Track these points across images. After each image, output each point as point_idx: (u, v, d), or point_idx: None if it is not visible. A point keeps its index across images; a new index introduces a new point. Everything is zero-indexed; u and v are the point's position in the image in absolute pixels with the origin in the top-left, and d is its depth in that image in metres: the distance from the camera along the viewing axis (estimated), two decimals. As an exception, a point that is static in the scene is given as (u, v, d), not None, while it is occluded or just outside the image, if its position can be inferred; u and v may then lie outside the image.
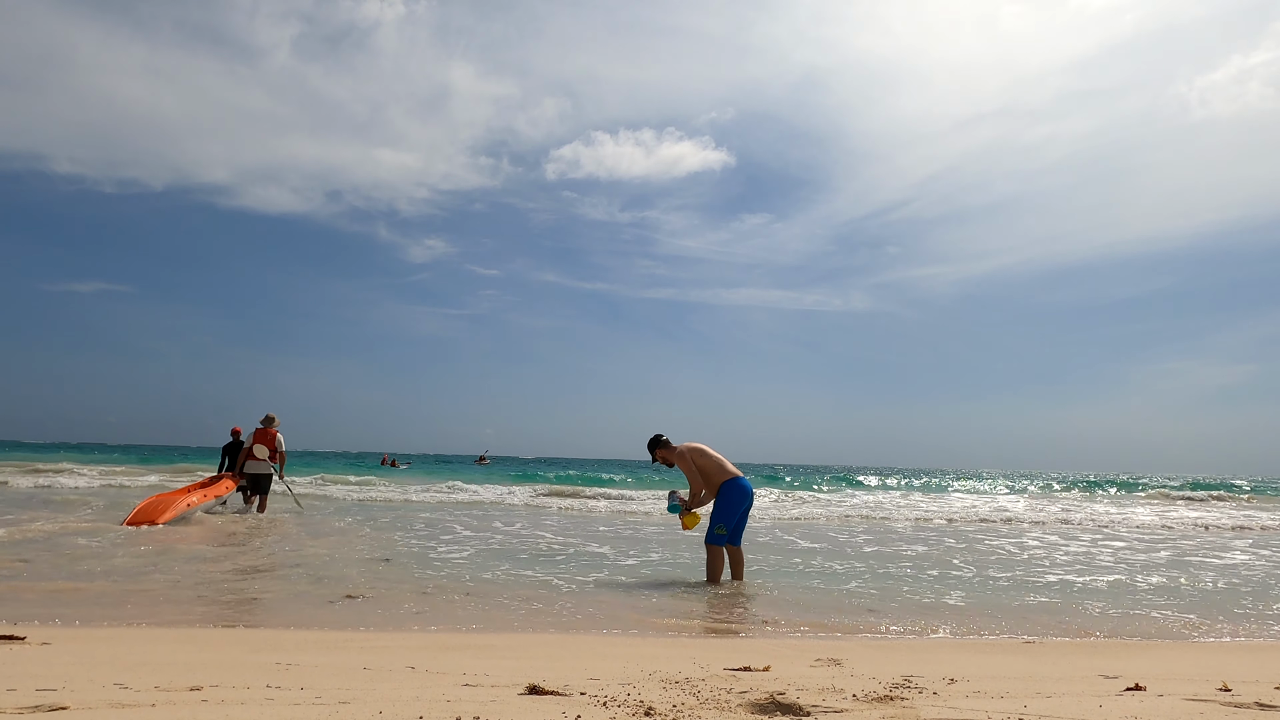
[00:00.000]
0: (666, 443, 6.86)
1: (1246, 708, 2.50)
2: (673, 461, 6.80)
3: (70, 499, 13.98)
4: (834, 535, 11.42)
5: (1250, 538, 12.52)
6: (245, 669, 2.91)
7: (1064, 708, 2.45)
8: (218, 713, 2.12)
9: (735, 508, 6.57)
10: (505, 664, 3.22)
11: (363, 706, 2.21)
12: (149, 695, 2.35)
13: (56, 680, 2.57)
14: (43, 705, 2.15)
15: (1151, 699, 2.63)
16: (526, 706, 2.29)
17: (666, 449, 6.82)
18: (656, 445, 6.87)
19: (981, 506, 19.28)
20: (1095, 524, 14.87)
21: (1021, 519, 15.62)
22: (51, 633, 3.70)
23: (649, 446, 6.93)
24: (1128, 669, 3.39)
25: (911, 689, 2.73)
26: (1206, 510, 20.39)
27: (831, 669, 3.27)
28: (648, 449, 6.95)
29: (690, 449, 6.72)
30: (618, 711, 2.25)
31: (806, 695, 2.54)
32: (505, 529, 10.97)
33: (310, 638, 4.05)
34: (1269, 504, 24.47)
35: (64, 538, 8.21)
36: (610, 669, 3.08)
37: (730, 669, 3.14)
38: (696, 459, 6.66)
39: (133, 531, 9.02)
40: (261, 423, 11.91)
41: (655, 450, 6.88)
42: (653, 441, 6.90)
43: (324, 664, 3.12)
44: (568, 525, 11.89)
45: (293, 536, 9.34)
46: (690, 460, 6.64)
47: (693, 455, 6.67)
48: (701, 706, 2.36)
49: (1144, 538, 12.13)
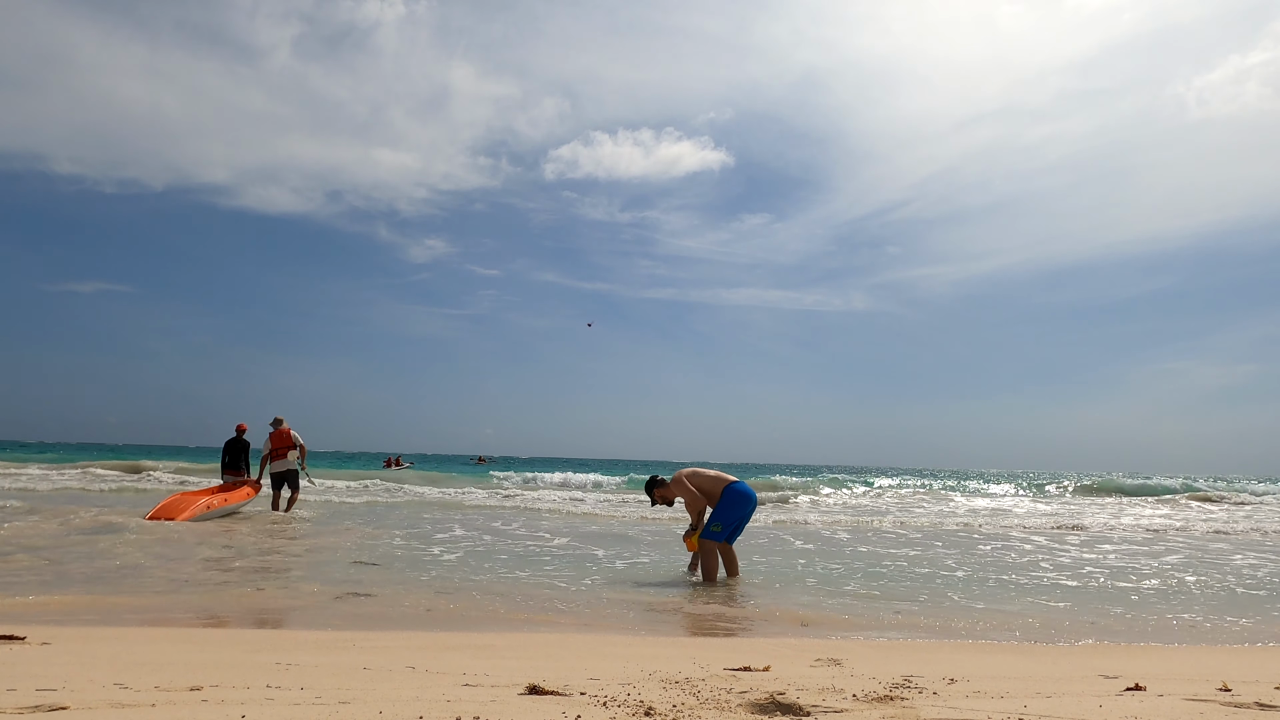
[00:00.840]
0: (662, 481, 6.90)
1: (1246, 708, 2.50)
2: (672, 499, 6.85)
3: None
4: (834, 536, 11.42)
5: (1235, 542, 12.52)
6: (245, 669, 2.91)
7: (1064, 708, 2.45)
8: (218, 713, 2.12)
9: (737, 510, 6.58)
10: (505, 664, 3.22)
11: (363, 706, 2.21)
12: (149, 695, 2.35)
13: (56, 680, 2.57)
14: (43, 705, 2.15)
15: (1151, 699, 2.63)
16: (526, 706, 2.29)
17: (663, 487, 6.86)
18: (654, 486, 6.92)
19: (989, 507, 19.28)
20: (1105, 526, 14.88)
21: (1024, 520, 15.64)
22: (51, 633, 3.70)
23: (646, 490, 6.99)
24: (1128, 669, 3.39)
25: (911, 689, 2.73)
26: (1200, 512, 20.39)
27: (831, 669, 3.27)
28: (645, 493, 7.02)
29: (685, 474, 6.74)
30: (618, 711, 2.25)
31: (806, 695, 2.54)
32: (505, 529, 10.98)
33: (310, 638, 4.05)
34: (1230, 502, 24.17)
35: (83, 534, 8.21)
36: (610, 669, 3.08)
37: (730, 669, 3.14)
38: (692, 480, 6.67)
39: (151, 526, 9.36)
40: (272, 425, 12.19)
41: (653, 491, 6.92)
42: (649, 484, 6.96)
43: (324, 664, 3.12)
44: (568, 525, 11.89)
45: (295, 538, 9.35)
46: (686, 484, 6.65)
47: (688, 478, 6.69)
48: (701, 706, 2.36)
49: (1143, 539, 12.14)
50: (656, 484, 6.90)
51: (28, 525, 9.15)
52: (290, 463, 12.09)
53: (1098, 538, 11.95)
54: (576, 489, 21.89)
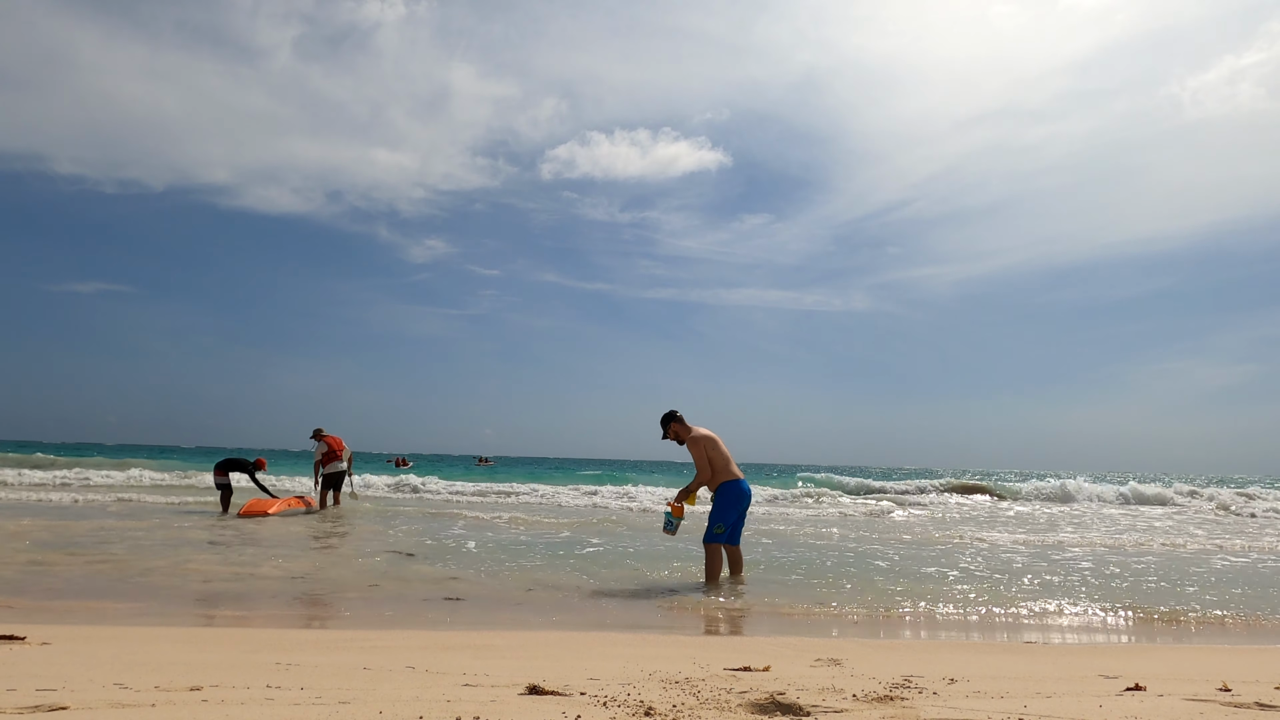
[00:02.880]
0: (682, 419, 6.78)
1: (1246, 708, 2.50)
2: (684, 440, 6.75)
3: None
4: (833, 536, 11.42)
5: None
6: (245, 669, 2.91)
7: (1064, 708, 2.45)
8: (218, 713, 2.12)
9: (733, 508, 6.57)
10: (505, 664, 3.22)
11: (363, 706, 2.21)
12: (149, 695, 2.35)
13: (56, 680, 2.57)
14: (43, 705, 2.15)
15: (1151, 699, 2.63)
16: (526, 706, 2.29)
17: (682, 425, 6.75)
18: (671, 419, 6.78)
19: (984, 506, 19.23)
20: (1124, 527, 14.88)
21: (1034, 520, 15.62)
22: (51, 632, 3.70)
23: (662, 420, 6.81)
24: (1128, 669, 3.39)
25: (911, 689, 2.73)
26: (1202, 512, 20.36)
27: (831, 669, 3.27)
28: (660, 423, 6.83)
29: (705, 438, 6.66)
30: (618, 711, 2.25)
31: (806, 695, 2.54)
32: (504, 529, 10.97)
33: (310, 637, 4.05)
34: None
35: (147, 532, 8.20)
36: (610, 669, 3.08)
37: (730, 669, 3.14)
38: (709, 449, 6.64)
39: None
40: (317, 435, 13.09)
41: (669, 424, 6.78)
42: (667, 415, 6.79)
43: (324, 664, 3.12)
44: (566, 525, 11.88)
45: (301, 536, 9.35)
46: (703, 449, 6.60)
47: (706, 445, 6.65)
48: (701, 706, 2.36)
49: (1141, 539, 12.13)
50: (675, 418, 6.78)
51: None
52: (340, 466, 13.12)
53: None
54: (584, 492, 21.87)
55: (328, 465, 12.98)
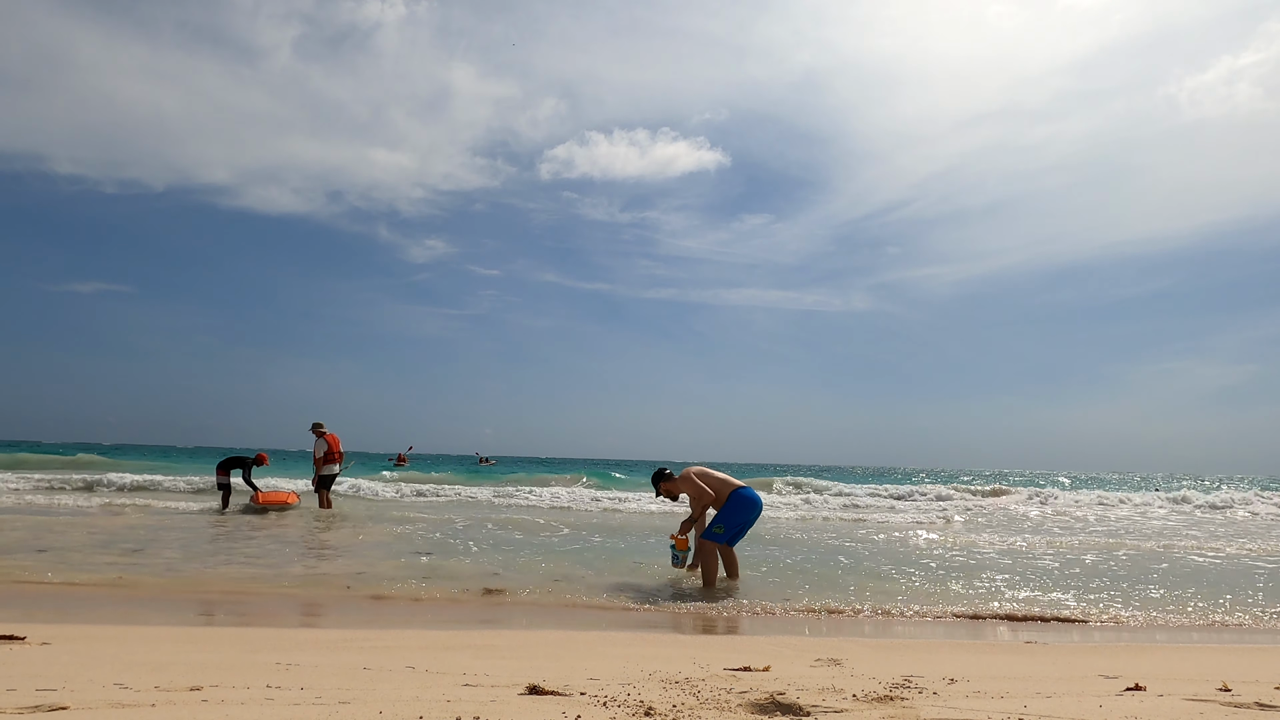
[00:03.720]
0: (669, 475, 6.90)
1: (1246, 708, 2.50)
2: (677, 494, 6.87)
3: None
4: (833, 536, 11.42)
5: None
6: (245, 669, 2.91)
7: (1064, 708, 2.45)
8: (218, 713, 2.12)
9: (741, 515, 6.58)
10: (505, 664, 3.22)
11: (363, 706, 2.21)
12: (149, 695, 2.35)
13: (56, 680, 2.57)
14: (43, 705, 2.15)
15: (1151, 699, 2.63)
16: (526, 706, 2.29)
17: (670, 481, 6.87)
18: (660, 479, 6.93)
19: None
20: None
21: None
22: (51, 632, 3.70)
23: (653, 481, 7.00)
24: (1128, 669, 3.39)
25: (911, 689, 2.73)
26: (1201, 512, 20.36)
27: (831, 669, 3.27)
28: (652, 484, 7.02)
29: (694, 471, 6.75)
30: (618, 711, 2.25)
31: (806, 695, 2.54)
32: (503, 529, 10.97)
33: (310, 637, 4.05)
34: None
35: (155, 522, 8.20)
36: (610, 669, 3.08)
37: (730, 669, 3.14)
38: (700, 477, 6.68)
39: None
40: (317, 431, 13.08)
41: (659, 485, 6.93)
42: (656, 476, 6.97)
43: (324, 664, 3.12)
44: (566, 525, 11.88)
45: (297, 538, 9.35)
46: (695, 481, 6.65)
47: (697, 474, 6.70)
48: (701, 706, 2.36)
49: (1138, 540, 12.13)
50: (663, 477, 6.91)
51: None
52: (335, 469, 13.24)
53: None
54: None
55: (325, 466, 13.10)
